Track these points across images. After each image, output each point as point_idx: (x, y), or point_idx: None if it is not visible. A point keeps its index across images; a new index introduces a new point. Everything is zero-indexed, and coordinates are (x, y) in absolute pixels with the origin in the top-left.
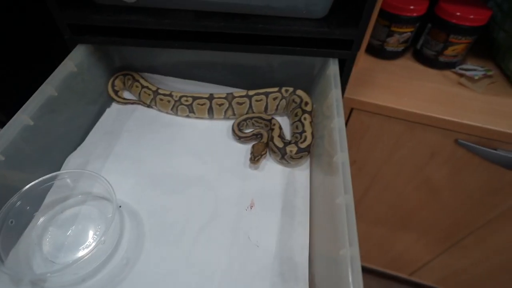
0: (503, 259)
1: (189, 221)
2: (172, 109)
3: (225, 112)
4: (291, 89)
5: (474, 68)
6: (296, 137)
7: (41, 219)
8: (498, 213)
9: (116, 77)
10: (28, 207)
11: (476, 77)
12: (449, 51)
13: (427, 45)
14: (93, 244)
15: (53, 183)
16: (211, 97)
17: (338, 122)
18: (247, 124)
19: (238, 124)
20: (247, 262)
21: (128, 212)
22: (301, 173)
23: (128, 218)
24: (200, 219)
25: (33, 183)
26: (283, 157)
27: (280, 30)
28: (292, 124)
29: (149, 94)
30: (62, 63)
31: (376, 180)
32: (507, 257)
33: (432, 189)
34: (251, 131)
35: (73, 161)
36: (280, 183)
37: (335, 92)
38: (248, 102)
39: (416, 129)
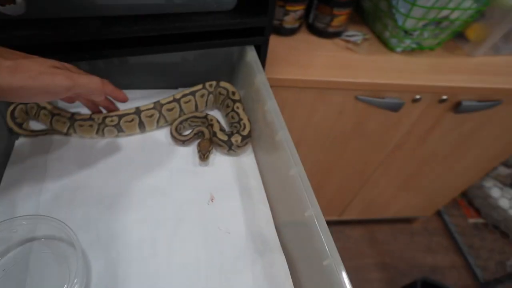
0: (400, 181)
1: (156, 233)
2: (97, 133)
3: (157, 122)
4: (214, 83)
5: (355, 34)
6: (236, 127)
7: None
8: (391, 147)
9: (15, 107)
10: None
11: (359, 42)
12: (335, 22)
13: (317, 19)
14: None
15: None
16: (138, 111)
17: (271, 104)
18: (184, 126)
19: (176, 129)
20: (225, 249)
21: (87, 245)
22: (248, 158)
23: (89, 251)
24: (167, 227)
25: None
26: (230, 148)
27: (196, 26)
28: (226, 115)
29: (64, 122)
30: None
31: (300, 144)
32: (402, 179)
33: (343, 140)
34: (191, 132)
35: None
36: (231, 172)
37: (260, 77)
38: (177, 106)
39: (324, 94)
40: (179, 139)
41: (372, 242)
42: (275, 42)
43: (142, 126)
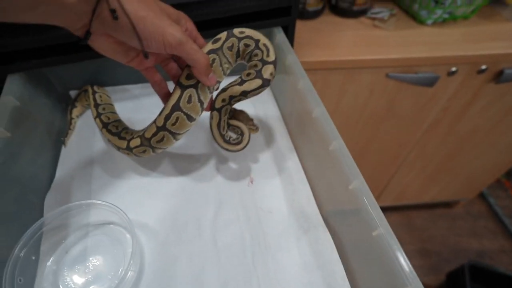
0: (437, 162)
1: (200, 215)
2: (153, 152)
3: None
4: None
5: (381, 11)
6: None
7: (47, 267)
8: (427, 125)
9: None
10: (33, 256)
11: (385, 18)
12: (359, 0)
13: None
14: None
15: (42, 231)
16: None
17: (304, 82)
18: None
19: (223, 139)
20: (269, 229)
21: (138, 229)
22: (283, 140)
23: (140, 234)
24: (209, 209)
25: (30, 230)
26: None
27: (222, 11)
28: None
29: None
30: (0, 100)
31: None
32: (439, 161)
33: (375, 122)
34: (238, 134)
35: (53, 199)
36: (268, 154)
37: (291, 57)
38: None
39: (354, 74)
40: (230, 146)
41: (411, 229)
42: (299, 26)
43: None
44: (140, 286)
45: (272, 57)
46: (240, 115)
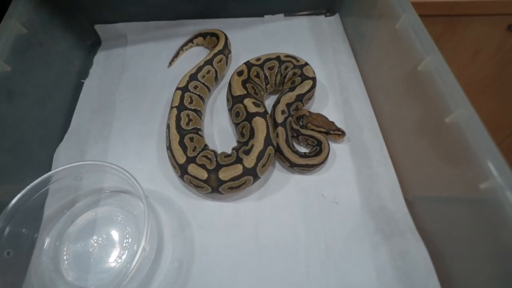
0: None
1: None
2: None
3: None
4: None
5: None
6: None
7: (47, 240)
8: None
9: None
10: (24, 229)
11: None
12: None
13: None
14: (138, 254)
15: (47, 189)
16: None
17: (409, 18)
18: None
19: (292, 150)
20: (333, 227)
21: (157, 201)
22: (361, 105)
23: (160, 208)
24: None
25: (19, 195)
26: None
27: None
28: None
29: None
30: (1, 24)
31: None
32: None
33: (472, 96)
34: (314, 145)
35: (63, 154)
36: (335, 119)
37: None
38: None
39: (458, 25)
40: (310, 160)
41: None
42: None
43: None
44: (155, 279)
45: (302, 61)
46: (316, 120)
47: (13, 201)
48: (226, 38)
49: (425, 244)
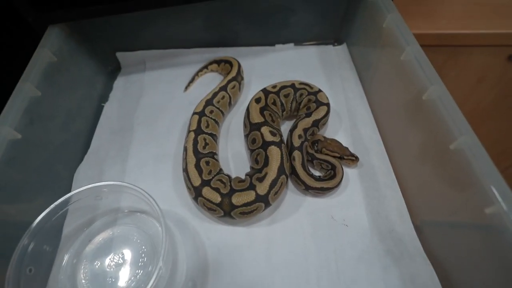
0: None
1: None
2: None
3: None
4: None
5: None
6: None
7: (66, 258)
8: None
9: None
10: (45, 246)
11: None
12: None
13: None
14: (155, 273)
15: (67, 209)
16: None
17: (413, 50)
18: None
19: (307, 174)
20: (343, 248)
21: (172, 222)
22: (367, 129)
23: (175, 228)
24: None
25: (43, 213)
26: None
27: None
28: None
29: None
30: (35, 53)
31: None
32: None
33: (475, 121)
34: (328, 169)
35: (83, 174)
36: (344, 143)
37: (392, 16)
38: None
39: (460, 55)
40: (325, 183)
41: None
42: None
43: None
44: None
45: (315, 88)
46: (330, 145)
47: (38, 218)
48: (239, 65)
49: (434, 268)
